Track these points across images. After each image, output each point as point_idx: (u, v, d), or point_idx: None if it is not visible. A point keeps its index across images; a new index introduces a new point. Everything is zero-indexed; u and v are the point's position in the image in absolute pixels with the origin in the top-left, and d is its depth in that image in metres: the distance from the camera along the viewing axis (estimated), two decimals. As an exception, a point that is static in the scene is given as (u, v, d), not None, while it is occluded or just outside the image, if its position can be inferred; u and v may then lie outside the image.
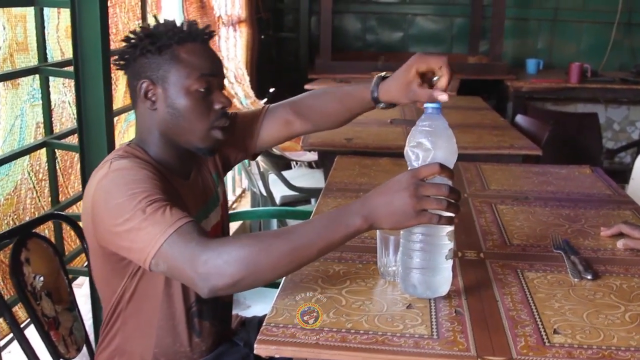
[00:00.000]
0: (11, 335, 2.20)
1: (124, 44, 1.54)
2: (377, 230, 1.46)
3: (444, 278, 1.39)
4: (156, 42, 1.48)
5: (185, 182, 1.60)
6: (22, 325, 2.09)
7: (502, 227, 1.85)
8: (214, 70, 1.52)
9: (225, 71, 2.10)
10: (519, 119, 3.85)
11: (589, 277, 1.50)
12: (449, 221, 1.28)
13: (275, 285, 1.49)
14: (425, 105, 1.40)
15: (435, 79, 1.57)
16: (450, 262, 1.39)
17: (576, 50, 6.22)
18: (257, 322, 1.86)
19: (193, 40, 1.51)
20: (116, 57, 1.56)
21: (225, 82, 3.97)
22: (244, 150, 1.83)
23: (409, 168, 1.36)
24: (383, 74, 1.68)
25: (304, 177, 4.05)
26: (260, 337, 1.25)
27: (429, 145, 1.32)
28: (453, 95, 4.63)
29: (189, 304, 1.58)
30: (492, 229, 1.84)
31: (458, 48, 6.42)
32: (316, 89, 1.85)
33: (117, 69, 1.60)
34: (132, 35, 1.52)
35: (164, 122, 1.51)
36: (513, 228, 1.85)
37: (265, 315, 1.35)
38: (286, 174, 3.93)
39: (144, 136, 1.55)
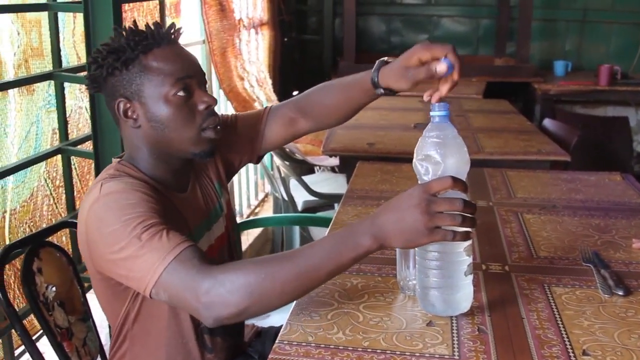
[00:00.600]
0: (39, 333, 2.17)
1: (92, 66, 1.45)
2: None
3: (464, 295, 1.33)
4: (120, 57, 1.38)
5: (183, 195, 1.54)
6: (35, 336, 2.07)
7: (529, 238, 1.78)
8: (189, 70, 1.43)
9: (242, 76, 2.04)
10: (547, 122, 3.75)
11: (620, 293, 1.43)
12: (465, 236, 1.20)
13: None
14: (432, 113, 1.31)
15: (437, 67, 1.47)
16: (471, 277, 1.32)
17: (605, 52, 6.09)
18: (273, 334, 1.81)
19: (159, 45, 1.41)
20: (86, 82, 1.48)
21: (247, 85, 3.93)
22: (249, 153, 1.75)
23: (419, 182, 1.30)
24: (385, 58, 1.58)
25: (327, 182, 3.99)
26: (272, 357, 1.20)
27: (438, 158, 1.25)
28: (479, 98, 4.55)
29: (198, 320, 1.53)
30: (518, 239, 1.77)
31: (484, 50, 6.32)
32: (319, 85, 1.75)
33: (93, 92, 1.53)
34: (96, 55, 1.42)
35: (150, 137, 1.43)
36: (540, 239, 1.78)
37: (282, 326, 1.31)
38: (308, 178, 3.88)
39: (133, 154, 1.48)
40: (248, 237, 3.91)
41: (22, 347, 2.24)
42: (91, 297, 2.48)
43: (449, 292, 1.31)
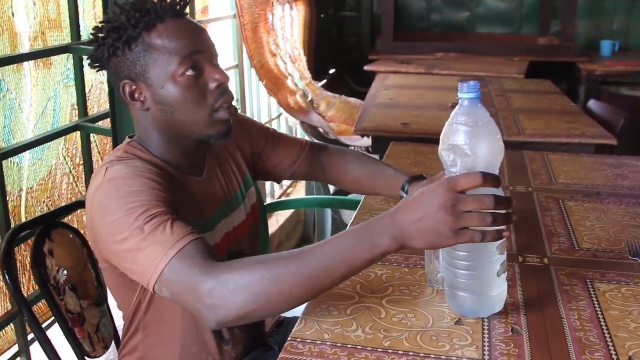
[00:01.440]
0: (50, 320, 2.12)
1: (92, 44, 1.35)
2: None
3: (497, 296, 1.21)
4: (122, 37, 1.28)
5: (198, 179, 1.44)
6: (48, 322, 2.01)
7: (571, 228, 1.65)
8: (197, 45, 1.31)
9: (274, 53, 1.94)
10: (592, 104, 3.57)
11: (671, 292, 1.30)
12: (497, 237, 1.08)
13: None
14: (460, 95, 1.15)
15: None
16: (505, 275, 1.20)
17: (656, 31, 5.85)
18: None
19: (162, 21, 1.29)
20: (89, 61, 1.37)
21: (279, 62, 3.82)
22: (277, 173, 1.72)
23: (445, 172, 1.18)
24: (419, 174, 1.61)
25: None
26: (284, 356, 1.10)
27: (467, 150, 1.11)
28: (521, 78, 4.38)
29: None
30: (558, 229, 1.64)
31: (528, 28, 6.11)
32: (358, 152, 1.78)
33: (98, 71, 1.43)
34: (95, 33, 1.32)
35: (160, 120, 1.34)
36: (583, 229, 1.64)
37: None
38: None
39: (144, 137, 1.39)
40: (278, 219, 3.81)
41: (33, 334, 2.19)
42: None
43: (480, 294, 1.19)
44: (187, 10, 1.38)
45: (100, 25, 1.32)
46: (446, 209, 1.05)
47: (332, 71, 5.90)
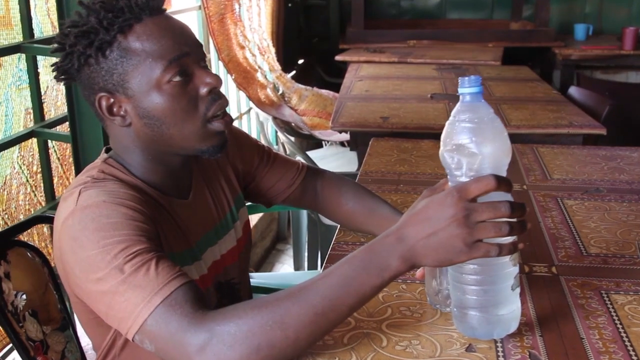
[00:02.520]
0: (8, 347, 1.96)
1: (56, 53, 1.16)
2: None
3: (511, 313, 1.07)
4: (93, 42, 1.09)
5: (184, 202, 1.27)
6: (5, 350, 1.86)
7: (575, 231, 1.53)
8: (182, 46, 1.13)
9: (242, 45, 1.76)
10: (573, 91, 3.48)
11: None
12: (513, 249, 0.97)
13: None
14: (460, 90, 1.02)
15: None
16: (518, 290, 1.07)
17: (628, 14, 5.78)
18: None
19: (139, 20, 1.11)
20: (54, 73, 1.17)
21: (248, 54, 3.65)
22: (271, 196, 1.54)
23: (448, 178, 1.05)
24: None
25: (335, 157, 3.74)
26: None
27: (474, 148, 0.98)
28: (497, 64, 4.28)
29: None
30: (562, 232, 1.52)
31: (500, 14, 6.01)
32: (358, 185, 1.58)
33: (66, 84, 1.24)
34: (61, 40, 1.13)
35: (144, 137, 1.16)
36: (587, 231, 1.53)
37: None
38: (315, 153, 3.64)
39: (123, 155, 1.21)
40: (251, 218, 3.67)
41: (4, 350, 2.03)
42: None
43: (492, 312, 1.05)
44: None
45: (66, 30, 1.13)
46: (458, 221, 0.93)
47: (301, 61, 5.76)
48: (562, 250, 1.44)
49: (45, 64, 2.03)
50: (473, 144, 0.99)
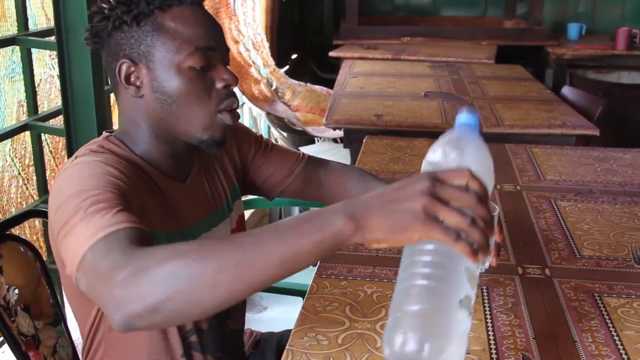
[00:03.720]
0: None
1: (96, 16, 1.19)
2: None
3: (453, 327, 0.83)
4: (132, 10, 1.14)
5: (181, 185, 1.27)
6: (-3, 343, 1.85)
7: (568, 232, 1.54)
8: (211, 41, 1.18)
9: (236, 39, 1.75)
10: (566, 90, 3.48)
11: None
12: (473, 251, 0.82)
13: (298, 292, 1.21)
14: (457, 122, 0.95)
15: None
16: (468, 315, 0.85)
17: (621, 14, 5.79)
18: (275, 342, 1.56)
19: (180, 3, 1.17)
20: (86, 34, 1.21)
21: (242, 49, 3.64)
22: (269, 186, 1.51)
23: None
24: None
25: (328, 154, 3.72)
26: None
27: (454, 156, 0.90)
28: (491, 63, 4.28)
29: (185, 333, 1.28)
30: (555, 234, 1.53)
31: (493, 11, 6.00)
32: (363, 171, 1.55)
33: (93, 50, 1.26)
34: (103, 4, 1.17)
35: (153, 112, 1.18)
36: (581, 233, 1.54)
37: (285, 331, 1.05)
38: (308, 150, 3.62)
39: (128, 129, 1.22)
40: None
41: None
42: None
43: (434, 310, 0.83)
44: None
45: None
46: (422, 188, 0.82)
47: (294, 56, 5.74)
48: (555, 252, 1.44)
49: (39, 57, 2.01)
50: (456, 154, 0.91)
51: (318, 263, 1.40)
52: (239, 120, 1.33)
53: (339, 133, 3.33)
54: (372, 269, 1.35)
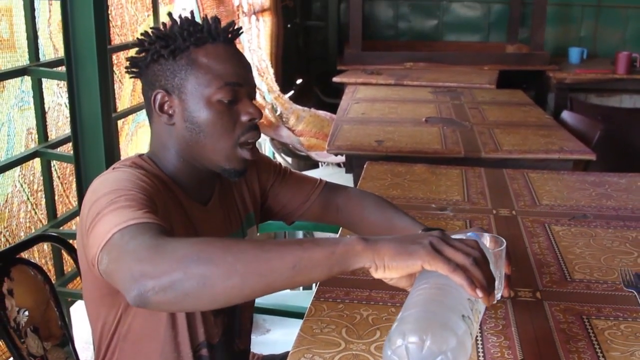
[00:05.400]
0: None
1: (136, 48, 1.31)
2: None
3: (453, 330, 0.88)
4: (169, 45, 1.25)
5: (202, 207, 1.36)
6: (6, 364, 1.89)
7: (560, 256, 1.58)
8: (240, 78, 1.28)
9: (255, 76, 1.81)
10: (565, 115, 3.53)
11: (672, 329, 1.23)
12: (471, 283, 0.91)
13: (300, 315, 1.26)
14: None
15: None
16: (467, 331, 0.90)
17: (622, 38, 5.86)
18: (277, 364, 1.62)
19: (214, 41, 1.27)
20: (127, 64, 1.34)
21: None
22: (288, 212, 1.58)
23: None
24: (436, 227, 1.39)
25: (332, 178, 3.74)
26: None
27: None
28: (492, 88, 4.34)
29: (197, 346, 1.35)
30: (548, 258, 1.57)
31: (495, 36, 6.09)
32: (376, 198, 1.60)
33: (132, 78, 1.36)
34: (143, 38, 1.29)
35: (182, 139, 1.29)
36: (573, 257, 1.58)
37: (286, 353, 1.11)
38: (311, 174, 3.67)
39: (158, 152, 1.33)
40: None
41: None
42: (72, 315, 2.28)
43: (434, 313, 0.90)
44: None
45: (150, 31, 1.29)
46: (431, 233, 0.97)
47: (299, 81, 5.82)
48: (547, 275, 1.48)
49: (48, 86, 2.08)
50: None
51: (317, 287, 1.44)
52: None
53: (342, 158, 3.39)
54: (369, 292, 1.39)
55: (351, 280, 1.46)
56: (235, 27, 1.32)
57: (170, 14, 1.33)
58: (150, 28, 1.31)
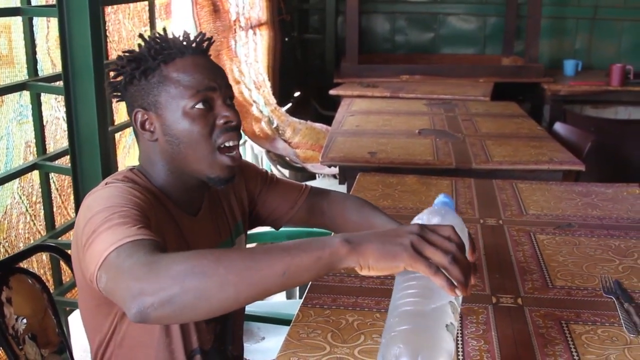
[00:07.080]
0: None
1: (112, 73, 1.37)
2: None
3: (441, 346, 0.95)
4: (140, 66, 1.30)
5: (192, 217, 1.40)
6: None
7: (543, 264, 1.63)
8: (212, 83, 1.31)
9: (238, 80, 1.87)
10: (558, 127, 3.58)
11: (647, 333, 1.27)
12: (451, 285, 0.95)
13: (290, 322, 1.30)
14: (437, 201, 1.19)
15: None
16: (451, 337, 0.97)
17: (616, 51, 5.91)
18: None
19: (182, 55, 1.31)
20: (108, 89, 1.40)
21: (243, 89, 3.77)
22: (275, 218, 1.63)
23: None
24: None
25: (328, 189, 3.82)
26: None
27: (437, 220, 1.11)
28: (486, 100, 4.39)
29: (190, 352, 1.39)
30: (531, 265, 1.62)
31: (491, 49, 6.14)
32: (359, 201, 1.65)
33: (117, 102, 1.42)
34: (116, 62, 1.34)
35: (166, 153, 1.33)
36: (555, 264, 1.62)
37: None
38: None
39: (147, 167, 1.37)
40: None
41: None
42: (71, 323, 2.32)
43: (423, 327, 0.96)
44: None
45: (122, 55, 1.34)
46: (412, 231, 0.99)
47: (296, 94, 5.87)
48: (529, 282, 1.53)
49: (45, 100, 2.13)
50: (440, 222, 1.10)
51: (305, 294, 1.49)
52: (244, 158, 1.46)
53: (336, 170, 3.43)
54: (355, 299, 1.44)
55: (339, 287, 1.50)
56: (205, 37, 1.36)
57: (141, 35, 1.37)
58: (123, 52, 1.35)
